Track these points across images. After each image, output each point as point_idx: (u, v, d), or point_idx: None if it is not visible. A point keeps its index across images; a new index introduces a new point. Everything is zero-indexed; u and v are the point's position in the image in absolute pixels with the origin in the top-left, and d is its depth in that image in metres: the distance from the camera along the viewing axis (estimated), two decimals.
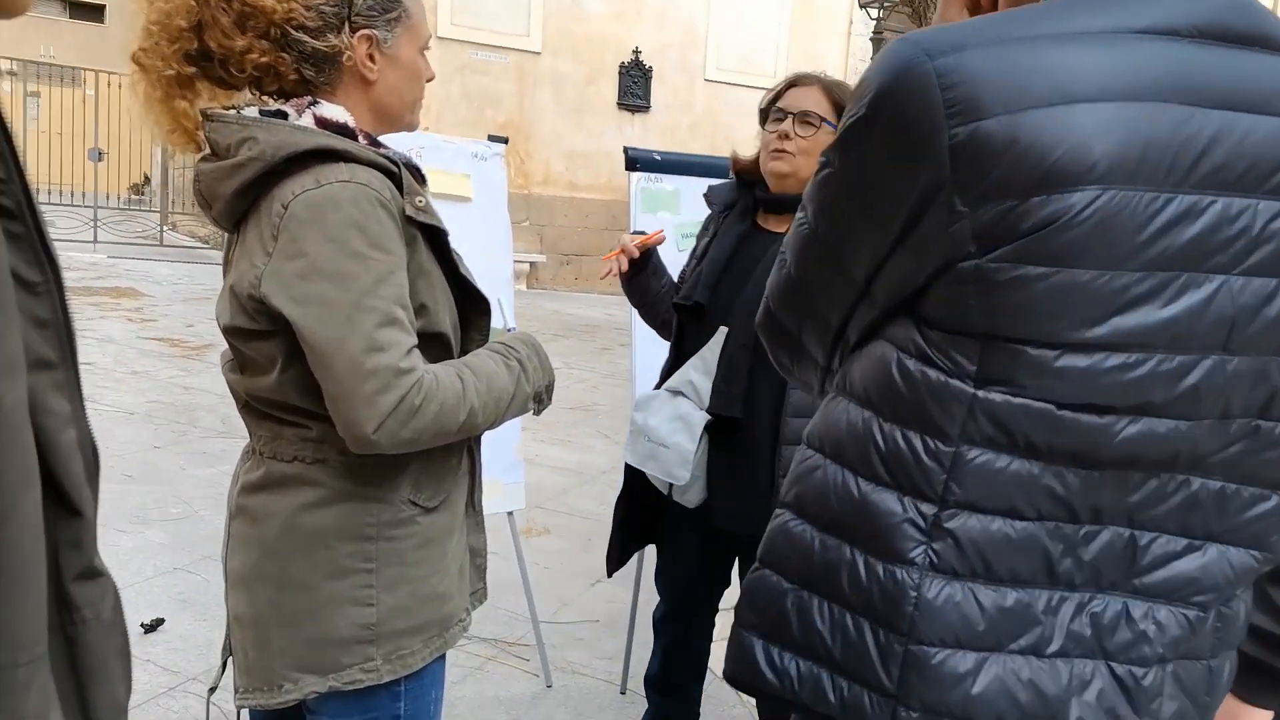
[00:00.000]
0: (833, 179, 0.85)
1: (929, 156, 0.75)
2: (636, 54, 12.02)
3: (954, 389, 0.80)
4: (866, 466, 0.85)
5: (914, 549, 0.82)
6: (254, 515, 1.24)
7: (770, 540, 0.95)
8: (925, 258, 0.79)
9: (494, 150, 2.69)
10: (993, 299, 0.76)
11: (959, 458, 0.80)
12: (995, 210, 0.74)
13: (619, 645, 2.85)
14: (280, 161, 1.13)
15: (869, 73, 0.81)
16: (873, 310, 0.87)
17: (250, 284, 1.14)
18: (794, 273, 0.93)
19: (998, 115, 0.72)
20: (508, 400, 1.27)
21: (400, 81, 1.26)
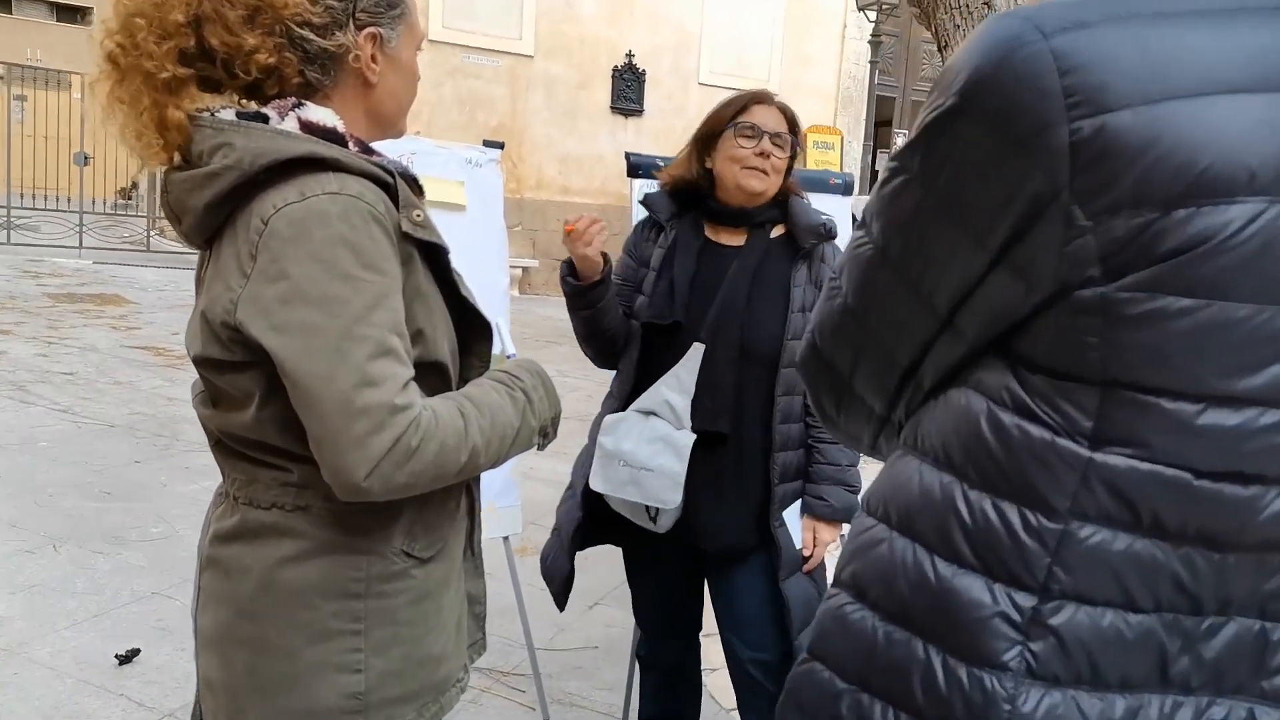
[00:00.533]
0: (910, 187, 0.71)
1: (1042, 156, 0.62)
2: (630, 57, 11.92)
3: (1064, 451, 0.66)
4: (946, 544, 0.71)
5: (1007, 650, 0.67)
6: (227, 568, 1.10)
7: (822, 627, 0.81)
8: (1033, 282, 0.65)
9: (489, 156, 2.57)
10: (1120, 337, 0.62)
11: (1067, 537, 0.66)
12: (1128, 226, 0.61)
13: (619, 674, 2.71)
14: (260, 171, 1.00)
15: (961, 55, 0.67)
16: (959, 346, 0.73)
17: (225, 309, 1.01)
18: (853, 303, 0.78)
19: (1133, 107, 0.60)
20: (512, 436, 1.14)
21: (399, 84, 1.15)
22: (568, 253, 1.85)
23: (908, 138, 0.72)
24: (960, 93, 0.66)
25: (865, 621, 0.76)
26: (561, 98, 11.70)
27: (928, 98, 0.71)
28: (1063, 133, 0.61)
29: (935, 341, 0.74)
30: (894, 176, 0.73)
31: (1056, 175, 0.62)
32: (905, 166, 0.72)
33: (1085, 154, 0.61)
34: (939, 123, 0.68)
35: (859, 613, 0.77)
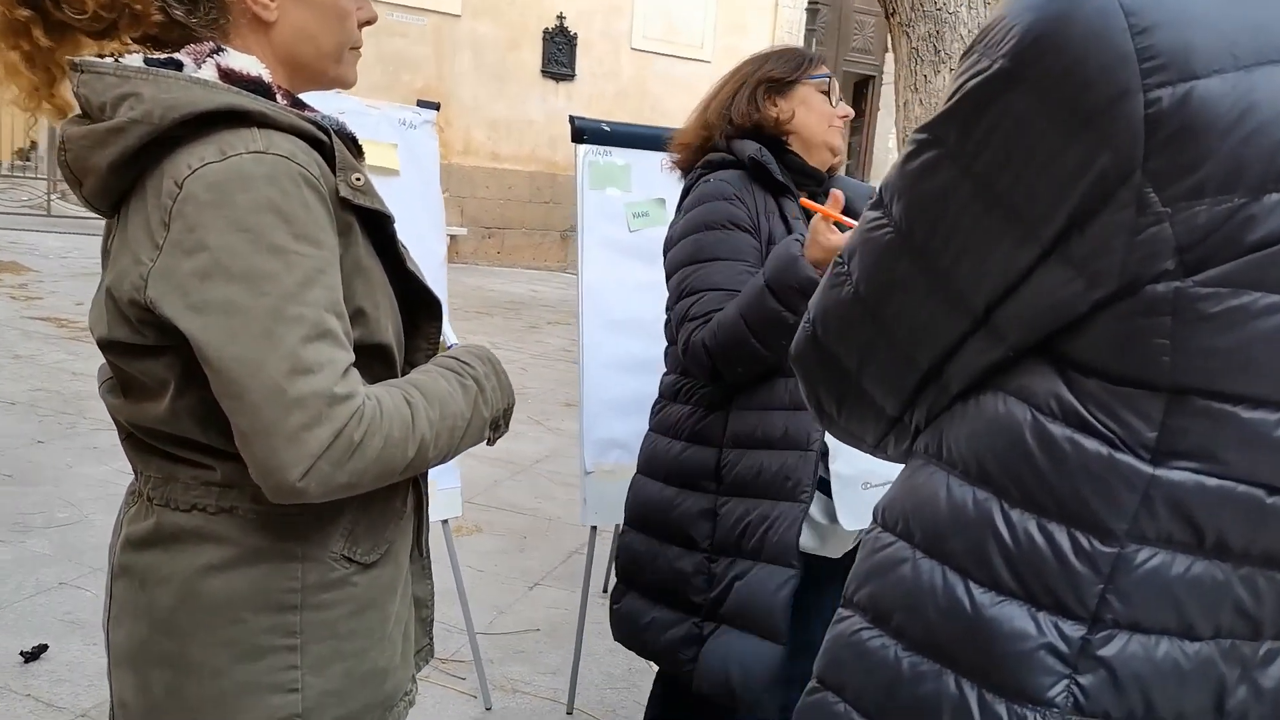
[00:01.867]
0: (943, 165, 0.61)
1: (1112, 131, 0.53)
2: (561, 19, 11.62)
3: (1124, 468, 0.58)
4: (983, 568, 0.64)
5: (1053, 685, 0.61)
6: (142, 578, 0.98)
7: (833, 653, 0.73)
8: (1095, 278, 0.57)
9: (424, 117, 2.41)
10: (1195, 339, 0.55)
11: (1123, 561, 0.59)
12: (1212, 213, 0.53)
13: (563, 658, 2.64)
14: (172, 125, 0.86)
15: (1009, 9, 0.57)
16: (996, 348, 0.64)
17: (133, 286, 0.88)
18: (864, 293, 0.69)
19: (1223, 72, 0.52)
20: (463, 429, 1.03)
21: (312, 22, 0.98)
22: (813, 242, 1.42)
23: (943, 105, 0.62)
24: (1012, 55, 0.56)
25: (887, 650, 0.68)
26: (490, 60, 11.36)
27: (963, 57, 0.62)
28: (1137, 103, 0.53)
29: (966, 342, 0.65)
30: (923, 150, 0.63)
31: (1129, 154, 0.54)
32: (939, 139, 0.62)
33: (1164, 128, 0.53)
34: (985, 89, 0.58)
35: (878, 640, 0.69)
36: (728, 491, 1.59)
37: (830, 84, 1.69)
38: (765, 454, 1.55)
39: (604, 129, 2.46)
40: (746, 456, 1.57)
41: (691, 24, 12.46)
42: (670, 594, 1.63)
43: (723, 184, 1.61)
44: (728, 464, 1.59)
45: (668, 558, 1.63)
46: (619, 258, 2.45)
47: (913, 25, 3.28)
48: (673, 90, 12.27)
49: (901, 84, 3.33)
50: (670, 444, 1.69)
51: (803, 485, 1.52)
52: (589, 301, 2.42)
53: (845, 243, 0.73)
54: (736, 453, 1.58)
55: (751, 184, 1.61)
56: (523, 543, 3.48)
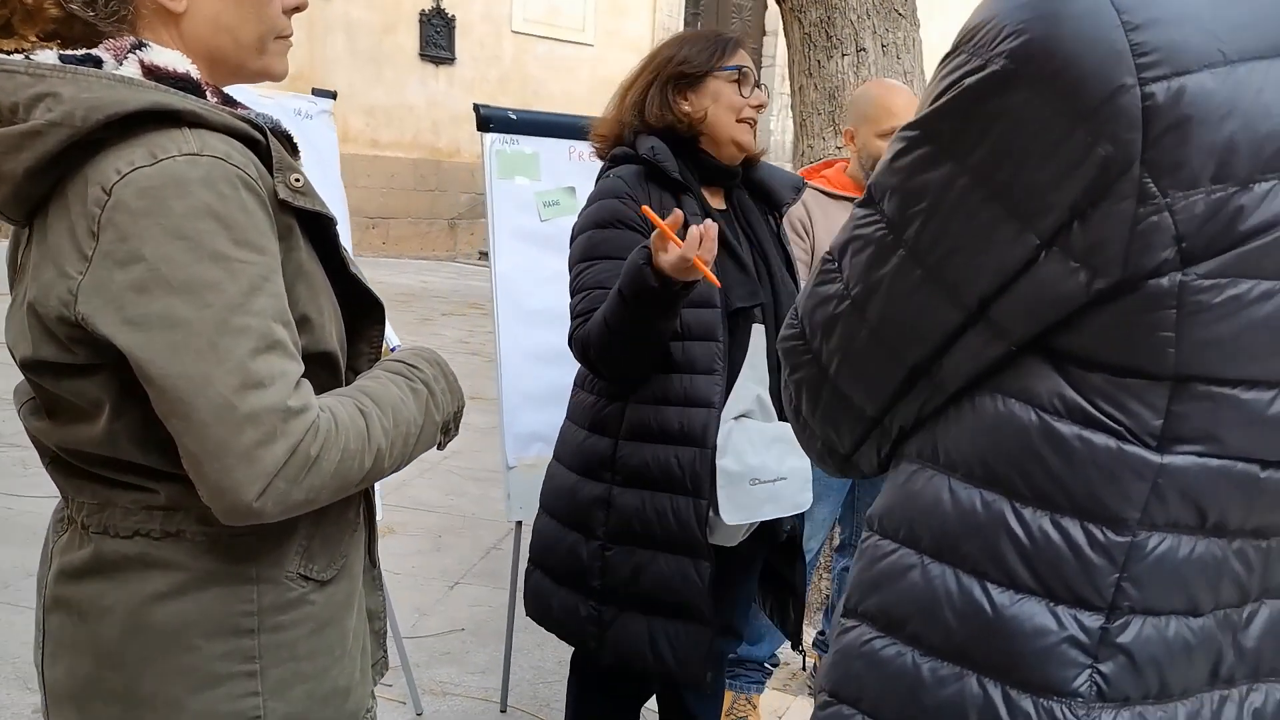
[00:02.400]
0: (938, 161, 0.62)
1: (1110, 123, 0.55)
2: (437, 2, 11.34)
3: (1133, 459, 0.61)
4: (999, 568, 0.65)
5: (1077, 676, 0.63)
6: (82, 610, 0.91)
7: (843, 665, 0.73)
8: (1097, 269, 0.58)
9: (320, 106, 2.33)
10: (1199, 329, 0.58)
11: (1136, 549, 0.62)
12: (1208, 201, 0.55)
13: (491, 656, 2.62)
14: (95, 127, 0.80)
15: (995, 9, 0.59)
16: (996, 344, 0.65)
17: (61, 301, 0.81)
18: (854, 290, 0.69)
19: (1213, 67, 0.54)
20: (416, 435, 1.01)
21: (227, 10, 0.92)
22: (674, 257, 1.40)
23: (935, 103, 0.63)
24: (1008, 55, 0.57)
25: (904, 658, 0.69)
26: (365, 44, 10.99)
27: (948, 57, 0.63)
28: (1134, 96, 0.54)
29: (960, 337, 0.66)
30: (915, 147, 0.64)
31: (1128, 145, 0.55)
32: (932, 135, 0.63)
33: (1160, 121, 0.54)
34: (981, 88, 0.59)
35: (892, 648, 0.70)
36: (623, 482, 1.61)
37: (741, 74, 1.64)
38: (660, 448, 1.58)
39: (510, 117, 2.41)
40: (641, 449, 1.59)
41: (572, 6, 12.36)
42: (571, 577, 1.67)
43: (618, 181, 1.61)
44: (622, 455, 1.61)
45: (568, 543, 1.66)
46: (531, 248, 2.42)
47: (804, 11, 3.35)
48: (555, 74, 12.17)
49: (795, 69, 3.40)
50: (576, 431, 1.71)
51: (702, 481, 1.55)
52: (503, 293, 2.39)
53: (836, 239, 0.74)
54: (632, 445, 1.60)
55: (648, 181, 1.61)
56: (438, 542, 3.41)
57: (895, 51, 3.32)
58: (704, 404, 1.56)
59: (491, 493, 3.89)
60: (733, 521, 1.56)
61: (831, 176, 2.31)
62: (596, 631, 1.64)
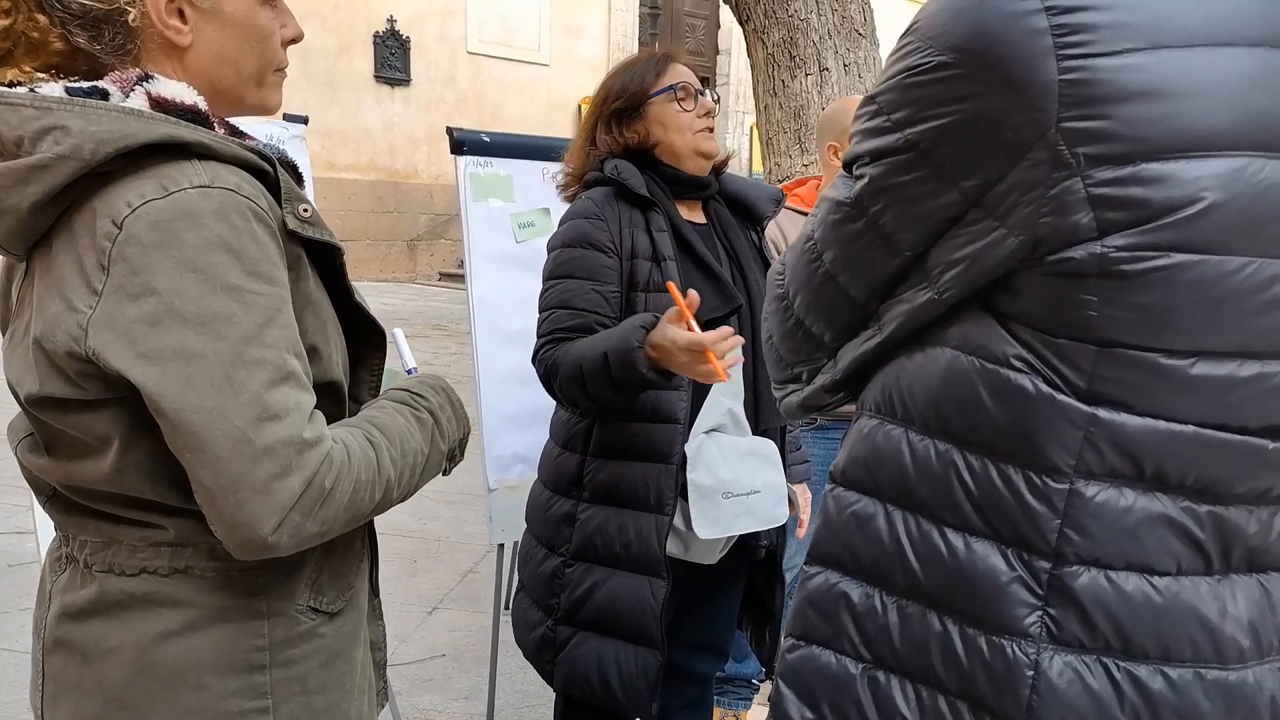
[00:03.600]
0: (885, 130, 0.70)
1: (1028, 93, 0.61)
2: (391, 23, 11.29)
3: (1066, 407, 0.65)
4: (953, 512, 0.70)
5: (1027, 616, 0.67)
6: (85, 652, 0.89)
7: (817, 608, 0.77)
8: (1011, 226, 0.64)
9: (293, 132, 2.31)
10: (1122, 299, 0.62)
11: (1075, 497, 0.66)
12: (1120, 173, 0.60)
13: (473, 681, 2.59)
14: (105, 160, 0.79)
15: (936, 6, 0.65)
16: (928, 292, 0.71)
17: (70, 336, 0.80)
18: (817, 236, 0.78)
19: (1127, 53, 0.59)
20: (423, 464, 1.00)
21: (231, 44, 0.92)
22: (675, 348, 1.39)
23: (885, 80, 0.70)
24: (946, 38, 0.64)
25: (872, 599, 0.74)
26: (318, 66, 10.89)
27: (900, 42, 0.70)
28: (1050, 69, 0.60)
29: (897, 284, 0.73)
30: (870, 118, 0.72)
31: (1043, 114, 0.60)
32: (881, 109, 0.70)
33: (1075, 94, 0.60)
34: (921, 69, 0.66)
35: (858, 589, 0.75)
36: (590, 499, 1.61)
37: (678, 92, 1.63)
38: (625, 465, 1.58)
39: (484, 139, 2.41)
40: (608, 466, 1.60)
41: (527, 27, 12.39)
42: (538, 596, 1.67)
43: (588, 202, 1.62)
44: (590, 472, 1.61)
45: (537, 559, 1.67)
46: (507, 269, 2.41)
47: (767, 32, 3.41)
48: (511, 94, 12.17)
49: (760, 89, 3.45)
50: (552, 447, 1.72)
51: (665, 497, 1.55)
52: (480, 315, 2.38)
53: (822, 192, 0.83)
54: (599, 461, 1.61)
55: (616, 200, 1.62)
56: (414, 567, 3.37)
57: (857, 71, 3.39)
58: (669, 419, 1.56)
59: (466, 515, 3.85)
60: (706, 535, 1.56)
61: (804, 195, 2.34)
62: (550, 655, 1.63)
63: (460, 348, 7.30)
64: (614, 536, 1.57)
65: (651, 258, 1.58)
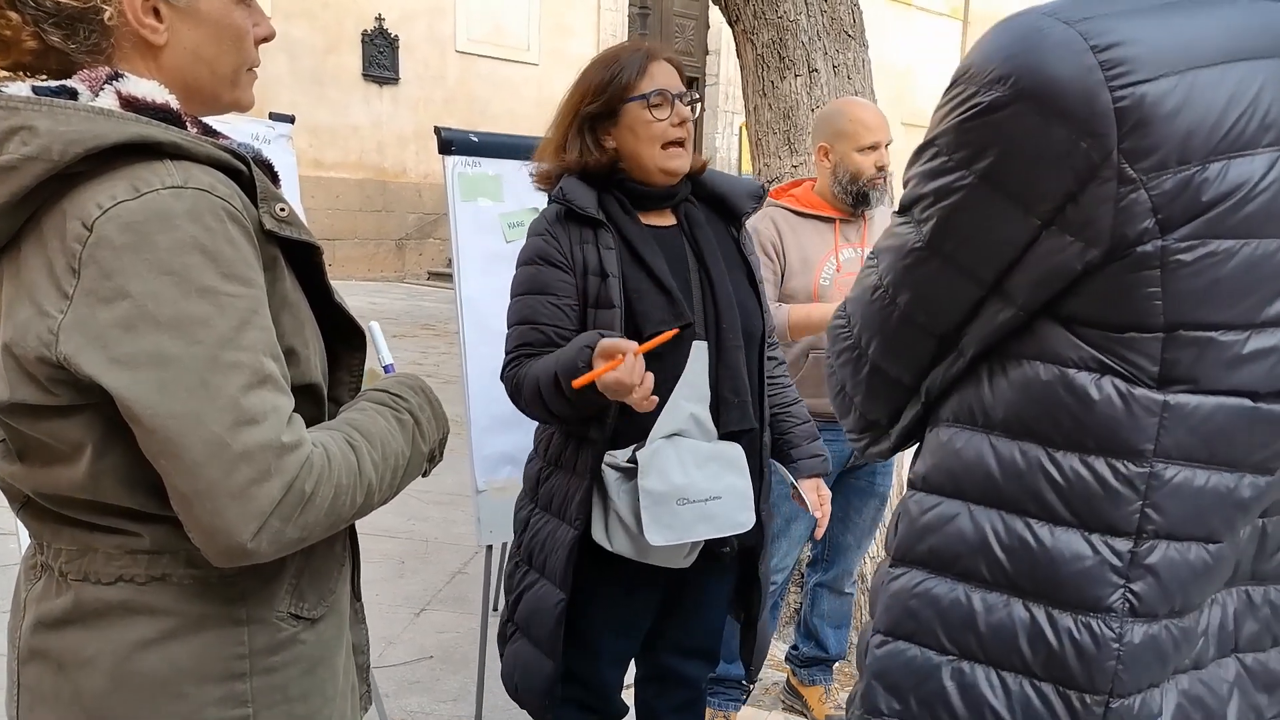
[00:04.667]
0: (950, 169, 0.75)
1: (1090, 122, 0.67)
2: (380, 21, 11.25)
3: (1141, 398, 0.72)
4: (1040, 506, 0.76)
5: (1111, 594, 0.74)
6: (61, 661, 0.88)
7: (896, 608, 0.84)
8: (1090, 239, 0.70)
9: (279, 131, 2.28)
10: (1179, 284, 0.69)
11: (1155, 479, 0.73)
12: (1175, 179, 0.68)
13: (462, 682, 2.58)
14: (74, 161, 0.78)
15: (986, 51, 0.72)
16: (1009, 308, 0.77)
17: (40, 341, 0.78)
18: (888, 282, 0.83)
19: (1167, 76, 0.67)
20: (404, 466, 0.99)
21: (207, 43, 0.91)
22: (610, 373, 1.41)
23: (943, 123, 0.76)
24: (1003, 81, 0.70)
25: (955, 593, 0.80)
26: (306, 64, 10.85)
27: (950, 88, 0.75)
28: (1106, 100, 0.67)
29: (979, 310, 0.78)
30: (930, 160, 0.77)
31: (1105, 139, 0.67)
32: (943, 150, 0.76)
33: (1130, 118, 0.67)
34: (982, 114, 0.72)
35: (943, 586, 0.81)
36: (539, 505, 1.68)
37: (652, 100, 1.57)
38: (558, 474, 1.63)
39: (472, 139, 2.40)
40: (555, 474, 1.65)
41: (516, 26, 12.36)
42: (508, 595, 1.76)
43: (541, 220, 1.64)
44: (543, 479, 1.68)
45: (513, 562, 1.74)
46: (496, 269, 2.39)
47: (756, 33, 3.40)
48: (501, 93, 12.14)
49: (750, 90, 3.44)
50: (530, 454, 1.77)
51: (573, 510, 1.58)
52: (469, 315, 2.36)
53: (878, 242, 0.87)
54: (549, 469, 1.66)
55: (565, 219, 1.62)
56: (401, 568, 3.35)
57: (846, 72, 3.38)
58: (595, 435, 1.58)
59: (454, 516, 3.84)
60: (658, 542, 1.53)
61: (800, 195, 2.34)
62: (501, 649, 1.75)
63: (449, 347, 7.28)
64: (544, 544, 1.64)
65: (598, 273, 1.58)
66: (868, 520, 2.46)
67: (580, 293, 1.58)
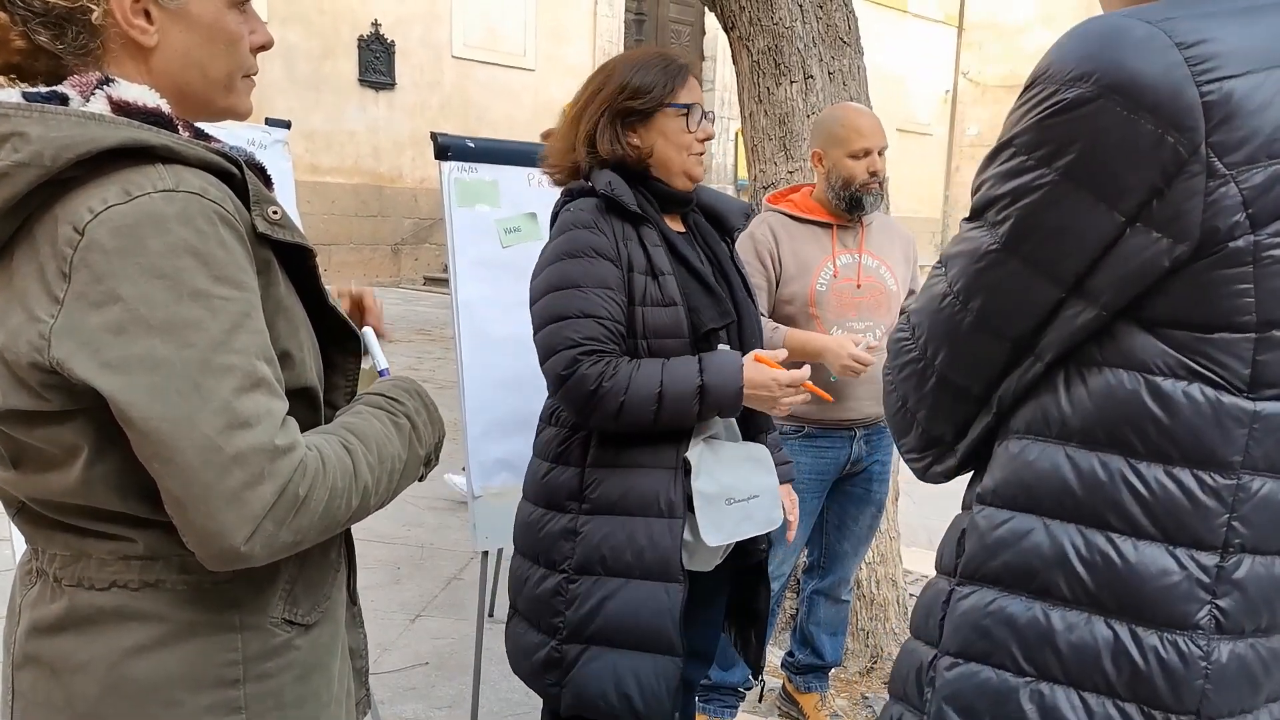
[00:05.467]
0: (1029, 168, 0.73)
1: (1177, 115, 0.67)
2: (376, 27, 11.26)
3: (1230, 408, 0.71)
4: (1123, 519, 0.74)
5: (1198, 611, 0.72)
6: (56, 667, 0.87)
7: (967, 628, 0.80)
8: (1177, 235, 0.69)
9: (275, 136, 2.28)
10: (1273, 280, 0.68)
11: (1242, 490, 0.71)
12: (1265, 174, 0.67)
13: (457, 689, 2.57)
14: (66, 167, 0.77)
15: (1066, 52, 0.71)
16: (1090, 309, 0.74)
17: (32, 346, 0.78)
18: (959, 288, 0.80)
19: (1252, 73, 0.67)
20: (401, 470, 0.99)
21: (198, 46, 0.90)
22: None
23: (1020, 122, 0.75)
24: (1078, 78, 0.69)
25: (1031, 611, 0.77)
26: (302, 69, 10.86)
27: (1027, 89, 0.75)
28: (1193, 94, 0.67)
29: (1058, 312, 0.76)
30: (1008, 160, 0.75)
31: (1194, 132, 0.67)
32: (1022, 149, 0.74)
33: (1218, 112, 0.67)
34: (1063, 112, 0.70)
35: (1019, 604, 0.78)
36: (590, 510, 1.58)
37: (690, 111, 1.63)
38: (630, 474, 1.57)
39: (468, 145, 2.40)
40: (613, 475, 1.58)
41: (512, 32, 12.38)
42: (536, 616, 1.63)
43: (582, 213, 1.61)
44: (592, 483, 1.59)
45: (534, 580, 1.63)
46: (493, 275, 2.40)
47: (752, 39, 3.40)
48: (497, 99, 12.15)
49: (745, 95, 3.45)
50: (539, 465, 1.69)
51: (675, 502, 1.55)
52: (465, 321, 2.36)
53: (945, 249, 0.85)
54: (600, 471, 1.59)
55: (609, 214, 1.61)
56: (397, 574, 3.35)
57: (842, 79, 3.39)
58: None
59: (450, 522, 3.83)
60: (714, 542, 1.55)
61: (798, 201, 2.35)
62: (558, 675, 1.58)
63: (445, 353, 7.27)
64: (624, 546, 1.54)
65: (647, 271, 1.57)
66: (864, 528, 2.46)
67: (626, 289, 1.57)
